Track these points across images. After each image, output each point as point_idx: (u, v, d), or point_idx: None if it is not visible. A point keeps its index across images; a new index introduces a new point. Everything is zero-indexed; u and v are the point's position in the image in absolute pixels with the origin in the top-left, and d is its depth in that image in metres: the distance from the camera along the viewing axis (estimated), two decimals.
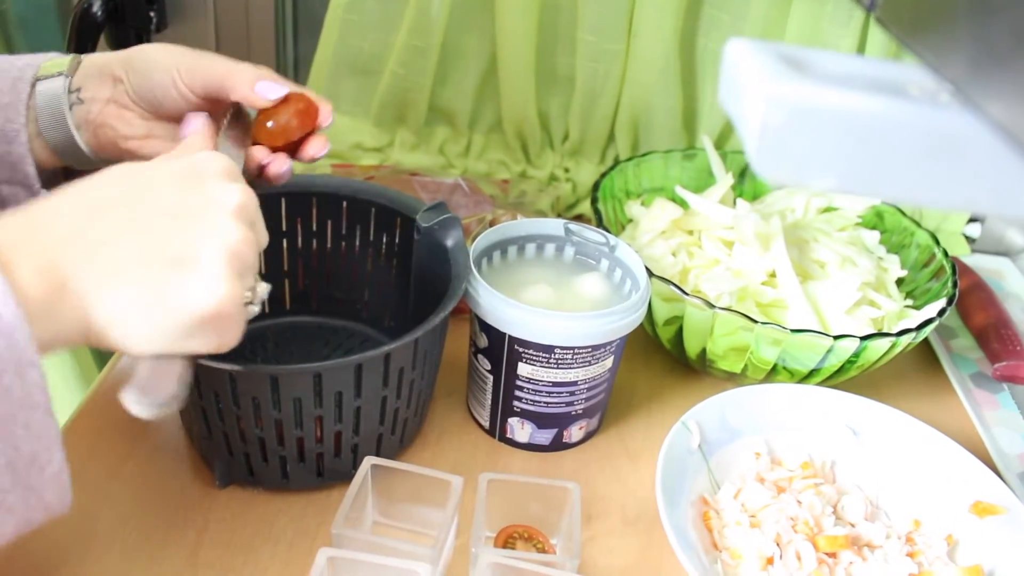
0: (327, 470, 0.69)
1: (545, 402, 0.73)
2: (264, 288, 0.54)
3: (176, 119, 0.66)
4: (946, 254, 0.87)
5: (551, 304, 0.74)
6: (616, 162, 0.97)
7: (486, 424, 0.77)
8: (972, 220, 1.13)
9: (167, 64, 0.64)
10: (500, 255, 0.79)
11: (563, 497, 0.66)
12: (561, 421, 0.74)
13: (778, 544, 0.66)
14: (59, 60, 0.65)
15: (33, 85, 0.64)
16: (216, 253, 0.47)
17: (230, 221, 0.49)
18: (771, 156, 0.35)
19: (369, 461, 0.64)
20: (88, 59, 0.66)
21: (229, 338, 0.50)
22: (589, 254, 0.79)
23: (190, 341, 0.48)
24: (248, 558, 0.65)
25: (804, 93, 0.34)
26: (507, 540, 0.66)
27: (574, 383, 0.72)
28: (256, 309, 0.53)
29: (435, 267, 0.75)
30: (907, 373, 0.91)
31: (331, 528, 0.60)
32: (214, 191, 0.50)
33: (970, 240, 1.12)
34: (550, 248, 0.80)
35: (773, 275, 0.84)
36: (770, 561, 0.65)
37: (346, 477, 0.69)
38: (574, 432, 0.76)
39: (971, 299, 0.97)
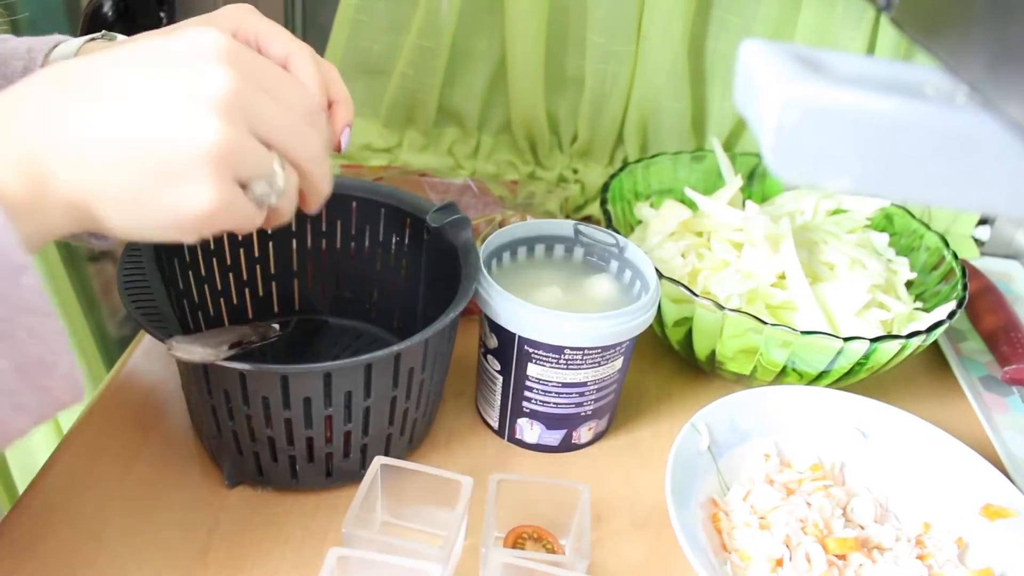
0: (336, 470, 0.69)
1: (555, 403, 0.73)
2: (283, 179, 0.47)
3: None
4: (956, 256, 0.87)
5: (561, 305, 0.74)
6: (625, 163, 0.97)
7: (495, 425, 0.77)
8: (982, 223, 1.12)
9: None
10: (510, 256, 0.79)
11: (573, 498, 0.66)
12: (570, 422, 0.74)
13: (787, 546, 0.66)
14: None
15: (48, 54, 0.63)
16: (201, 153, 0.42)
17: (222, 108, 0.43)
18: (787, 156, 0.35)
19: (379, 461, 0.64)
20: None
21: (239, 227, 0.47)
22: (598, 255, 0.79)
23: (190, 235, 0.45)
24: (258, 558, 0.65)
25: (820, 93, 0.34)
26: (517, 540, 0.66)
27: (584, 384, 0.72)
28: (274, 200, 0.48)
29: (445, 267, 0.75)
30: (916, 376, 0.91)
31: (341, 527, 0.60)
32: (204, 73, 0.43)
33: (979, 243, 1.12)
34: (559, 249, 0.80)
35: (782, 277, 0.83)
36: (779, 563, 0.65)
37: (355, 477, 0.69)
38: (583, 433, 0.76)
39: (981, 302, 0.97)
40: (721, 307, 0.75)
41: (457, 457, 0.76)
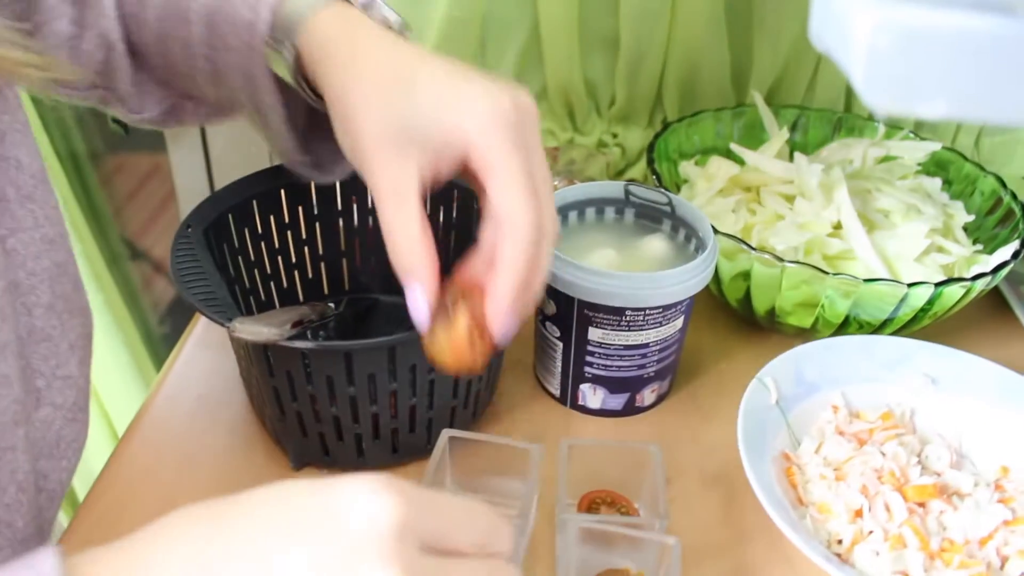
0: (402, 446, 0.69)
1: (617, 366, 0.72)
2: None
3: None
4: (1015, 196, 0.85)
5: (616, 267, 0.73)
6: (666, 124, 0.95)
7: (556, 392, 0.76)
8: None
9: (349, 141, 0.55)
10: (561, 221, 0.78)
11: (644, 459, 0.65)
12: (633, 385, 0.73)
13: (865, 496, 0.65)
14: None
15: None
16: None
17: None
18: (879, 83, 0.34)
19: (447, 433, 0.64)
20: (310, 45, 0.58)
21: None
22: (650, 215, 0.78)
23: None
24: None
25: (911, 15, 0.33)
26: (591, 505, 0.65)
27: (645, 345, 0.71)
28: None
29: None
30: (979, 322, 0.89)
31: None
32: None
33: None
34: (610, 212, 0.79)
35: (837, 227, 0.82)
36: (859, 514, 0.64)
37: (421, 452, 0.69)
38: (646, 395, 0.75)
39: None
40: (780, 259, 0.73)
41: (520, 426, 0.75)
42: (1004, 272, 0.76)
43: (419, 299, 0.54)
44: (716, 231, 0.74)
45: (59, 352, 0.62)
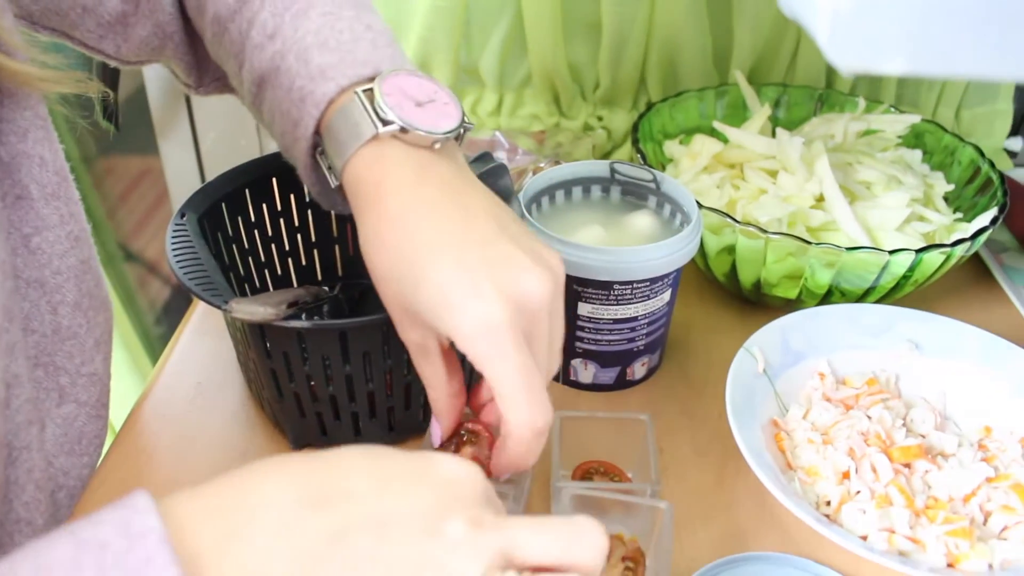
0: (398, 423, 0.70)
1: (607, 340, 0.73)
2: None
3: None
4: (992, 165, 0.87)
5: (604, 243, 0.74)
6: (650, 104, 0.97)
7: None
8: (1013, 133, 1.12)
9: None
10: (548, 201, 0.79)
11: (636, 429, 0.66)
12: (624, 359, 0.75)
13: (852, 458, 0.66)
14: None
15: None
16: None
17: None
18: (843, 43, 0.35)
19: None
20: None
21: None
22: (636, 193, 0.80)
23: None
24: None
25: None
26: (584, 475, 0.66)
27: (634, 319, 0.72)
28: None
29: None
30: (961, 289, 0.91)
31: None
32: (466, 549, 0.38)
33: (1011, 154, 1.12)
34: (596, 190, 0.80)
35: (820, 199, 0.84)
36: (846, 475, 0.66)
37: (417, 430, 0.70)
38: (637, 369, 0.76)
39: (1018, 210, 0.96)
40: (764, 231, 0.75)
41: None
42: (983, 238, 0.77)
43: (435, 432, 0.58)
44: (701, 205, 0.76)
45: (85, 349, 0.63)
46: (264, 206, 0.78)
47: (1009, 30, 0.35)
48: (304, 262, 0.84)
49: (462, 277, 0.50)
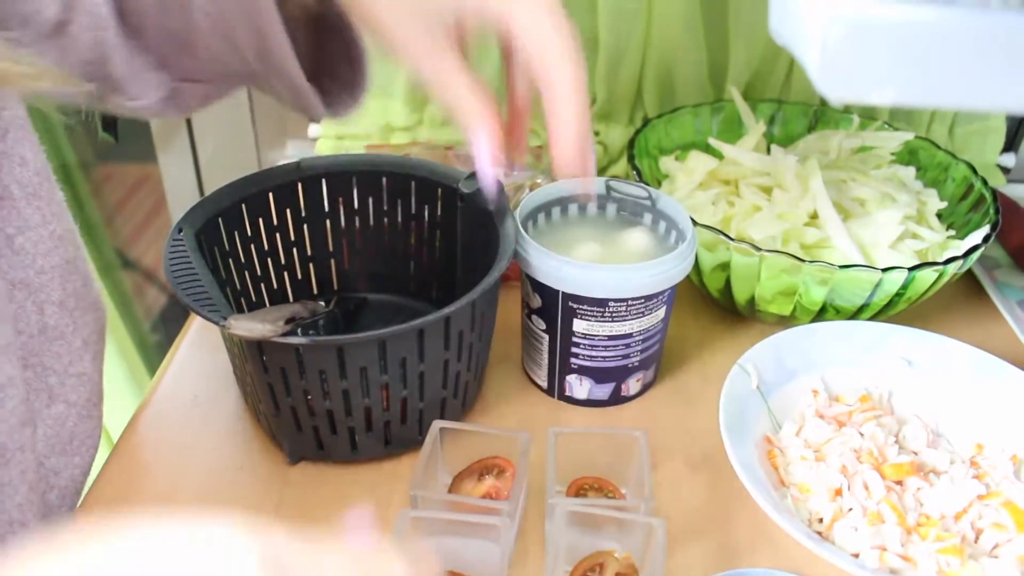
0: (394, 438, 0.70)
1: (602, 356, 0.74)
2: None
3: None
4: (985, 183, 0.87)
5: (600, 260, 0.74)
6: (646, 120, 0.97)
7: (544, 384, 0.78)
8: (1006, 150, 1.12)
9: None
10: (544, 217, 0.80)
11: (630, 445, 0.67)
12: (619, 375, 0.75)
13: (845, 475, 0.67)
14: None
15: None
16: None
17: None
18: (834, 73, 0.36)
19: (437, 424, 0.66)
20: None
21: None
22: (631, 210, 0.80)
23: None
24: (328, 529, 0.66)
25: (862, 9, 0.35)
26: (579, 491, 0.67)
27: (629, 335, 0.72)
28: None
29: (480, 233, 0.76)
30: (954, 305, 0.91)
31: (409, 490, 0.61)
32: None
33: (1005, 170, 1.12)
34: (592, 207, 0.81)
35: (814, 216, 0.84)
36: (838, 492, 0.66)
37: (413, 444, 0.71)
38: (632, 385, 0.77)
39: (1011, 227, 0.97)
40: (758, 249, 0.75)
41: (509, 417, 0.77)
42: (975, 256, 0.78)
43: (483, 146, 0.58)
44: (696, 223, 0.76)
45: (72, 349, 0.63)
46: (260, 220, 0.79)
47: (997, 63, 0.35)
48: (300, 276, 0.84)
49: None
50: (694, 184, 0.90)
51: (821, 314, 0.81)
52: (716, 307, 0.90)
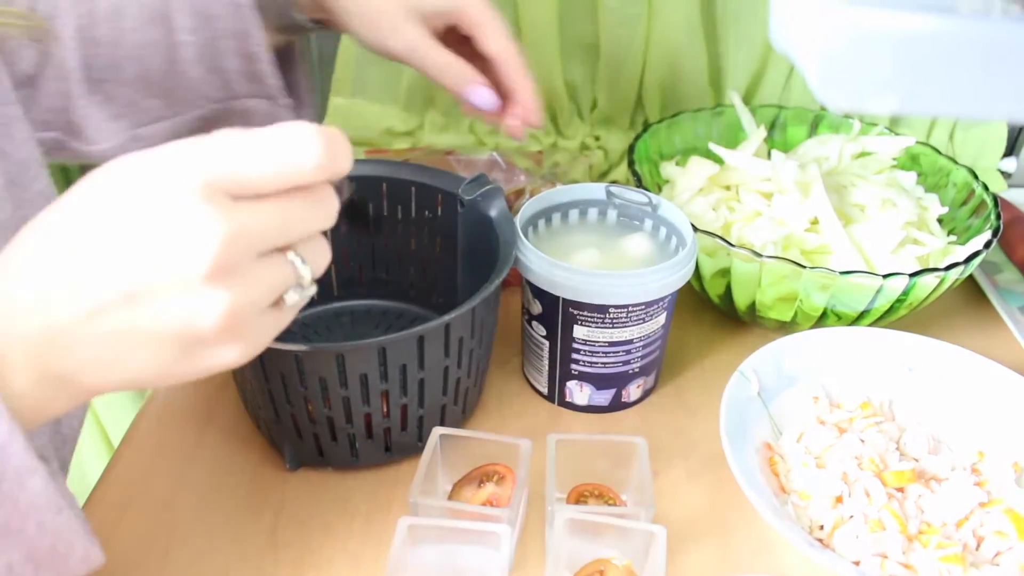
0: (394, 444, 0.70)
1: (602, 363, 0.73)
2: (309, 274, 0.44)
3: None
4: (986, 188, 0.87)
5: (600, 266, 0.75)
6: (647, 125, 0.97)
7: (544, 390, 0.78)
8: (1007, 154, 1.12)
9: (369, 25, 0.73)
10: (544, 223, 0.79)
11: (630, 452, 0.66)
12: (619, 381, 0.75)
13: (845, 482, 0.67)
14: None
15: None
16: (212, 326, 0.40)
17: (199, 299, 0.39)
18: (833, 81, 0.36)
19: (438, 431, 0.66)
20: None
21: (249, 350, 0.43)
22: (632, 215, 0.80)
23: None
24: (326, 535, 0.66)
25: (862, 17, 0.35)
26: (579, 498, 0.67)
27: (630, 342, 0.72)
28: (312, 291, 0.45)
29: (481, 239, 0.76)
30: (955, 311, 0.91)
31: (408, 497, 0.61)
32: (177, 244, 0.39)
33: (1006, 175, 1.12)
34: (593, 212, 0.81)
35: (815, 222, 0.84)
36: (839, 499, 0.66)
37: (413, 450, 0.71)
38: (632, 391, 0.77)
39: (1013, 232, 0.97)
40: (758, 255, 0.75)
41: (509, 423, 0.77)
42: (976, 261, 0.78)
43: (482, 92, 0.75)
44: (696, 228, 0.76)
45: None
46: None
47: (999, 72, 0.35)
48: None
49: None
50: (694, 189, 0.90)
51: (822, 320, 0.81)
52: (716, 313, 0.89)
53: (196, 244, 0.38)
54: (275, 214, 0.41)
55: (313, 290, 0.45)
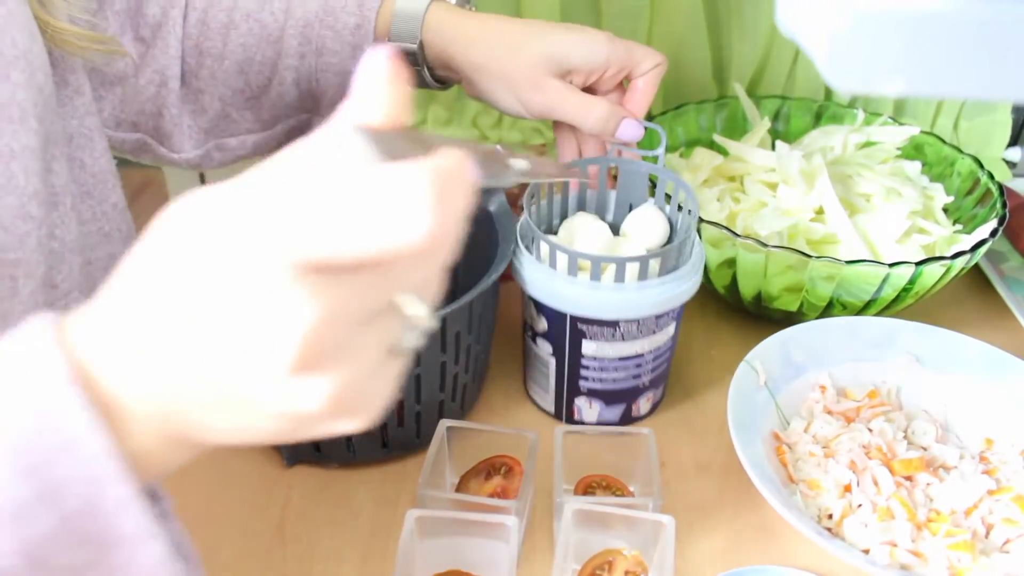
0: (392, 440, 0.70)
1: (612, 378, 0.72)
2: (424, 311, 0.36)
3: None
4: (991, 177, 0.87)
5: (611, 244, 0.73)
6: (651, 117, 0.97)
7: (551, 409, 0.77)
8: (1012, 144, 1.12)
9: (507, 83, 0.73)
10: (547, 204, 0.77)
11: (637, 444, 0.66)
12: (629, 396, 0.74)
13: (854, 471, 0.67)
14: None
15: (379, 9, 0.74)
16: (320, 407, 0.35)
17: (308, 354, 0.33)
18: (841, 64, 0.35)
19: (444, 423, 0.65)
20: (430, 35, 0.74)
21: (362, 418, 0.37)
22: (638, 189, 0.78)
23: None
24: (334, 529, 0.66)
25: None
26: (586, 489, 0.67)
27: (640, 355, 0.71)
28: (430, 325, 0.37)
29: (479, 234, 0.75)
30: (962, 300, 0.91)
31: (416, 490, 0.61)
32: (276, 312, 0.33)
33: (1010, 165, 1.12)
34: (592, 195, 0.79)
35: (820, 212, 0.84)
36: (848, 488, 0.66)
37: (411, 446, 0.70)
38: (642, 405, 0.75)
39: (1018, 221, 0.97)
40: (764, 244, 0.75)
41: (513, 421, 0.76)
42: (982, 250, 0.77)
43: (632, 126, 0.75)
44: (702, 219, 0.76)
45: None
46: None
47: (1008, 52, 0.35)
48: None
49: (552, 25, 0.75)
50: (699, 181, 0.89)
51: (828, 310, 0.81)
52: (722, 304, 0.89)
53: (280, 337, 0.33)
54: (376, 283, 0.34)
55: (431, 323, 0.37)
